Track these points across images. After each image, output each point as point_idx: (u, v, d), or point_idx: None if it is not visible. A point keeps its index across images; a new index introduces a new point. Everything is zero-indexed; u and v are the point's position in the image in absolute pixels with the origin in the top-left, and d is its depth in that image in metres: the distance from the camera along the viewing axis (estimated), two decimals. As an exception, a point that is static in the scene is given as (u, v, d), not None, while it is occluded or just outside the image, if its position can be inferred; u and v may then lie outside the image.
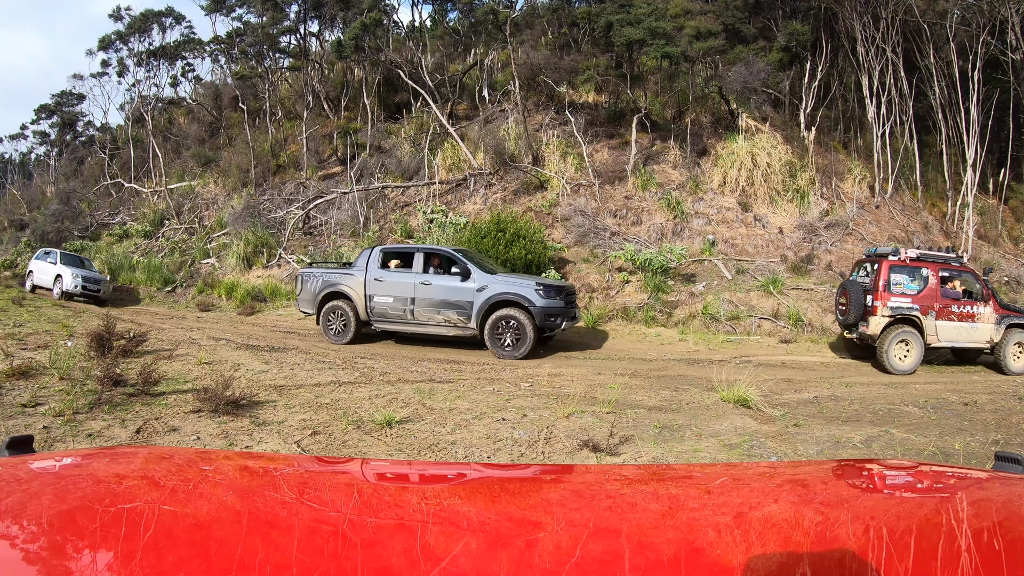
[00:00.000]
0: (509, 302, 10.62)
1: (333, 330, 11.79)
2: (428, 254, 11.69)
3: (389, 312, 11.44)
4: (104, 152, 29.33)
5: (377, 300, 11.47)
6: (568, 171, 18.35)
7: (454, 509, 1.05)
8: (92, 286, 18.12)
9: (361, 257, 12.03)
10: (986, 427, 6.40)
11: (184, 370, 7.99)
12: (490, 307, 10.71)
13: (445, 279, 11.18)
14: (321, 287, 11.96)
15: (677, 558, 0.83)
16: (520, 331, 10.49)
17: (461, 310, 10.94)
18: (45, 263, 18.92)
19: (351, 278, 11.72)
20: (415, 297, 11.23)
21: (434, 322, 11.22)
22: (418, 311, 11.23)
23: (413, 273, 11.38)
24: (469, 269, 11.00)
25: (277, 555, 0.80)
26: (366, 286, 11.54)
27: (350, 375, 8.27)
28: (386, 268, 11.65)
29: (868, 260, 10.75)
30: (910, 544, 0.87)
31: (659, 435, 5.67)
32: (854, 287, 10.41)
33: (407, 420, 5.95)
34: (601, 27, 19.23)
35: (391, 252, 12.04)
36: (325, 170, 22.46)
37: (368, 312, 11.57)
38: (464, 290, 10.91)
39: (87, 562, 0.76)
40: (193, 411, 5.86)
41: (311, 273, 12.37)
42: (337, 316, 11.77)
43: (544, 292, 10.56)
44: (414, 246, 12.37)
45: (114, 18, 27.47)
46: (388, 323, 11.58)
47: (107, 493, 0.99)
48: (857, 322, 10.28)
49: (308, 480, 1.19)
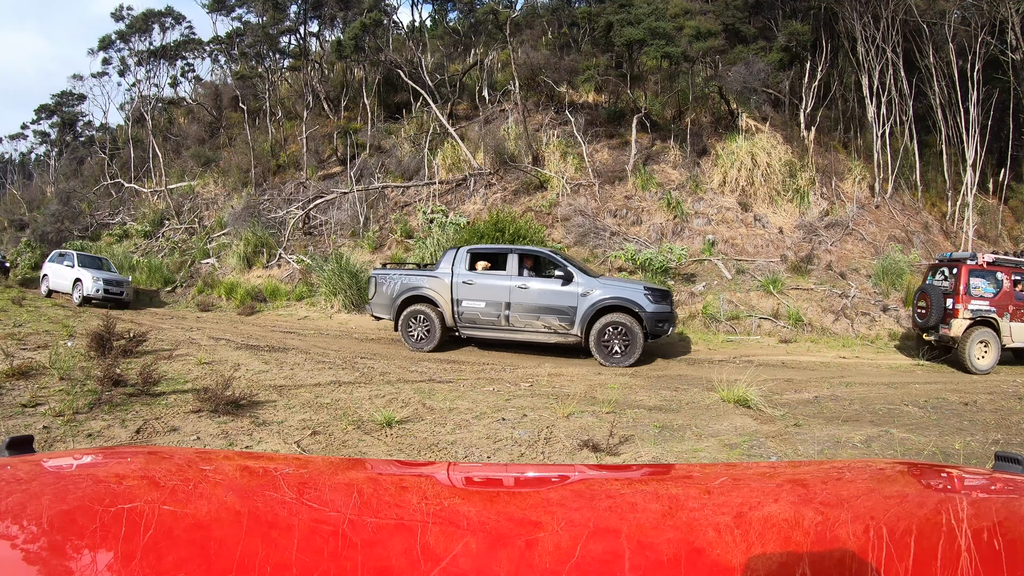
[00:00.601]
0: (617, 307, 9.92)
1: (415, 336, 10.92)
2: (522, 255, 10.82)
3: (480, 318, 10.58)
4: (104, 152, 29.38)
5: (466, 305, 10.62)
6: (568, 171, 18.35)
7: (454, 509, 1.04)
8: (114, 289, 17.24)
9: (445, 258, 11.11)
10: (986, 427, 6.39)
11: (184, 370, 7.97)
12: (596, 313, 9.99)
13: (545, 282, 10.40)
14: (400, 290, 11.08)
15: (677, 558, 0.83)
16: (629, 337, 9.83)
17: (563, 316, 10.16)
18: (61, 266, 18.03)
19: (435, 280, 10.86)
20: (511, 302, 10.38)
21: (532, 328, 10.40)
22: (514, 317, 10.39)
23: (507, 276, 10.51)
24: (571, 272, 10.28)
25: (277, 555, 0.80)
26: (453, 289, 10.67)
27: (350, 375, 8.25)
28: (473, 270, 10.81)
29: (943, 264, 11.12)
30: (910, 544, 0.87)
31: (659, 435, 5.67)
32: (934, 291, 10.73)
33: (407, 420, 5.94)
34: (601, 27, 19.25)
35: (480, 253, 11.15)
36: (325, 170, 22.47)
37: (455, 318, 10.72)
38: (567, 294, 10.14)
39: (87, 562, 0.76)
40: (193, 411, 5.85)
41: (386, 275, 11.48)
42: (419, 322, 10.90)
43: (653, 297, 9.98)
44: (507, 246, 11.50)
45: (116, 18, 27.52)
46: (478, 329, 10.71)
47: (107, 493, 0.99)
48: (938, 324, 10.61)
49: (308, 480, 1.18)
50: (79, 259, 17.91)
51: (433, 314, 10.76)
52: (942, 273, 11.03)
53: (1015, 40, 16.91)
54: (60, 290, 17.84)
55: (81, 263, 17.69)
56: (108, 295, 16.99)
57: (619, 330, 9.88)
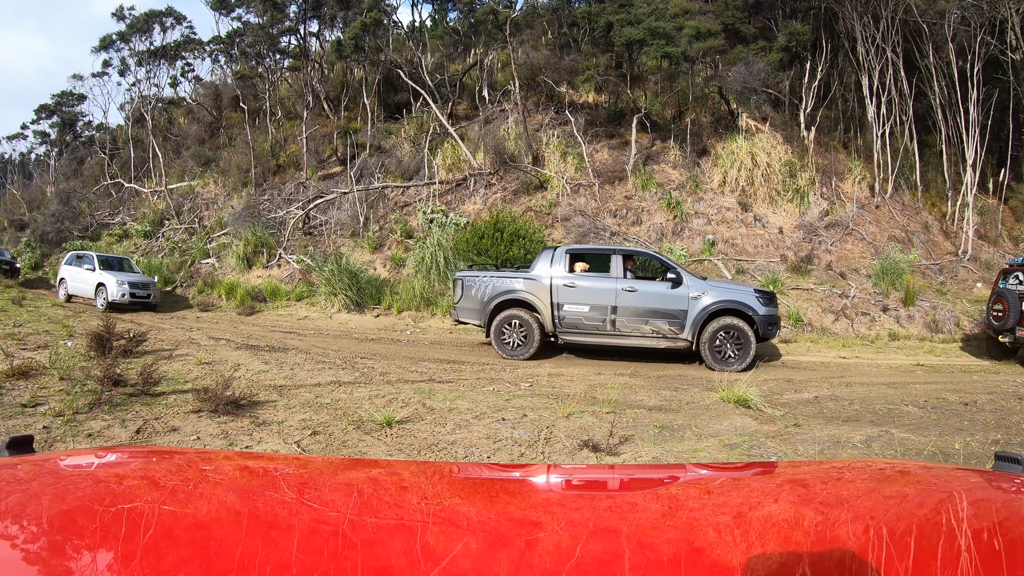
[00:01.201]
0: (730, 311, 9.61)
1: (510, 343, 10.32)
2: (626, 256, 10.33)
3: (584, 323, 10.07)
4: (104, 152, 29.39)
5: (568, 309, 10.07)
6: (568, 171, 18.34)
7: (454, 509, 1.04)
8: (141, 292, 16.30)
9: (542, 259, 10.46)
10: (986, 427, 6.37)
11: (184, 370, 7.96)
12: (708, 316, 9.64)
13: (653, 285, 9.99)
14: (492, 294, 10.42)
15: (677, 558, 0.83)
16: (742, 341, 9.52)
17: (674, 320, 9.76)
18: (80, 269, 17.04)
19: (532, 283, 10.27)
20: (617, 306, 9.89)
21: (639, 333, 9.92)
22: (620, 321, 9.90)
23: (612, 278, 10.02)
24: (681, 274, 9.89)
25: (278, 555, 0.80)
26: (552, 293, 10.13)
27: (350, 375, 8.24)
28: (572, 272, 10.31)
29: (1016, 269, 11.41)
30: (910, 544, 0.87)
31: (659, 435, 5.66)
32: (1011, 295, 10.95)
33: (407, 420, 5.92)
34: (601, 27, 19.24)
35: (578, 253, 10.66)
36: (325, 170, 22.46)
37: (556, 323, 10.18)
38: (678, 298, 9.72)
39: (87, 562, 0.76)
40: (193, 411, 5.83)
41: (474, 277, 10.81)
42: (514, 328, 10.33)
43: (763, 299, 9.72)
44: (609, 247, 10.98)
45: (117, 17, 27.51)
46: (581, 335, 10.18)
47: (107, 493, 0.99)
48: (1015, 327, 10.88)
49: (308, 480, 1.18)
50: (100, 260, 17.06)
51: (531, 319, 10.23)
52: (1015, 277, 11.29)
53: (1015, 40, 16.89)
54: (81, 295, 17.02)
55: (103, 265, 16.87)
56: (136, 299, 16.15)
57: (731, 334, 9.56)
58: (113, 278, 16.15)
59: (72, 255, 18.43)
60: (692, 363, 10.49)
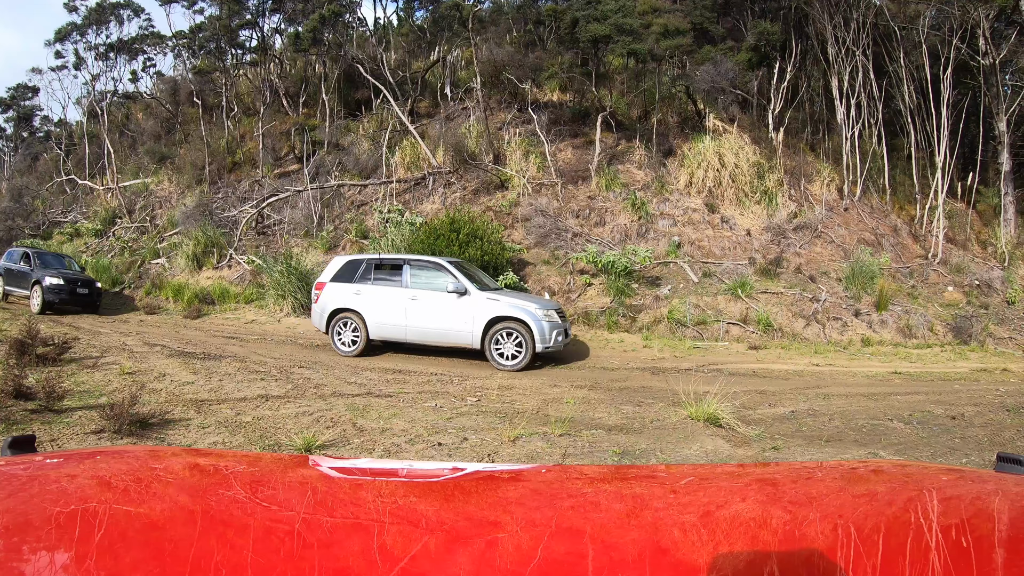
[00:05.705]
0: None
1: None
2: None
3: None
4: (60, 148, 28.40)
5: None
6: (530, 170, 17.76)
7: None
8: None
9: None
10: (980, 445, 5.93)
11: (104, 381, 7.32)
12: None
13: None
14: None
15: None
16: None
17: None
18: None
19: None
20: None
21: None
22: None
23: None
24: None
25: (278, 556, 0.80)
26: None
27: (282, 387, 7.56)
28: None
29: None
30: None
31: (619, 462, 5.02)
32: None
33: (330, 443, 5.27)
34: (567, 23, 18.76)
35: None
36: (282, 168, 21.67)
37: None
38: None
39: (88, 562, 0.75)
40: (95, 431, 5.21)
41: None
42: None
43: None
44: None
45: (68, 9, 26.36)
46: None
47: (108, 493, 0.98)
48: None
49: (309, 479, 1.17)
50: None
51: None
52: None
53: (985, 45, 16.79)
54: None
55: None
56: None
57: None
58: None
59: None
60: (658, 372, 9.89)
